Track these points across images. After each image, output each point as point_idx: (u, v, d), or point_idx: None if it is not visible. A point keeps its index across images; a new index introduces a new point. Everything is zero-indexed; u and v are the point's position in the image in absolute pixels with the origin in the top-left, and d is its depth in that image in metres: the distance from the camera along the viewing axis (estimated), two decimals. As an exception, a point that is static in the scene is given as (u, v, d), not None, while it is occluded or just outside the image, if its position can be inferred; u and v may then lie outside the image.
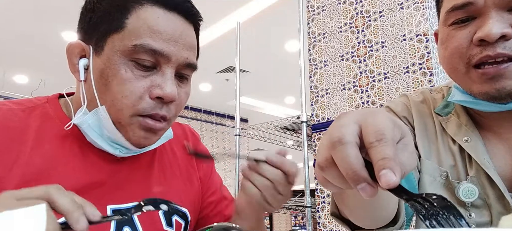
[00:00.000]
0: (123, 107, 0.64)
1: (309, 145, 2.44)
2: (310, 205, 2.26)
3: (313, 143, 2.41)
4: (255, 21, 4.16)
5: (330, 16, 2.47)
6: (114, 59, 0.64)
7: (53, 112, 0.71)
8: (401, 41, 2.14)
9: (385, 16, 2.23)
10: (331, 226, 2.25)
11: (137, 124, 0.66)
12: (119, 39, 0.64)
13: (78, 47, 0.68)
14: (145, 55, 0.64)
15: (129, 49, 0.63)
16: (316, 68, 2.48)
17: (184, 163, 0.82)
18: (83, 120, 0.66)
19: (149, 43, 0.64)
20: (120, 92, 0.64)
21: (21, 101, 0.70)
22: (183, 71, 0.69)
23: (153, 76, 0.65)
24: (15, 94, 5.05)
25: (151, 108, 0.65)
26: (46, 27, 4.32)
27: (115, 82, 0.64)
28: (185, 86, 0.71)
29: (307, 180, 2.26)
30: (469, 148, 0.70)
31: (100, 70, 0.65)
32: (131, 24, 0.65)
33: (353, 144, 0.38)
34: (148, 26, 0.64)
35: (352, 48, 2.33)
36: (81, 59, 0.68)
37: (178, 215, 0.76)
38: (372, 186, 0.37)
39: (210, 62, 5.22)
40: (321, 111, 2.40)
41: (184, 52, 0.67)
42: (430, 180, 0.73)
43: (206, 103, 6.75)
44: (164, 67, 0.66)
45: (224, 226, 0.50)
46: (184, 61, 0.68)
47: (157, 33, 0.65)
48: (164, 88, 0.65)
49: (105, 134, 0.67)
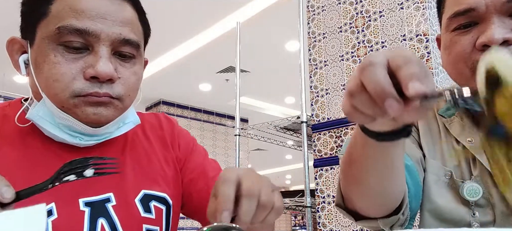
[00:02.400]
0: (57, 91, 0.64)
1: (309, 145, 2.44)
2: (310, 205, 2.26)
3: (313, 143, 2.41)
4: (255, 21, 4.16)
5: (330, 16, 2.47)
6: (43, 46, 0.64)
7: (12, 112, 0.70)
8: (401, 41, 2.14)
9: (385, 16, 2.23)
10: (331, 226, 2.25)
11: (80, 102, 0.64)
12: (45, 26, 0.64)
13: (16, 44, 0.69)
14: (71, 36, 0.63)
15: (54, 33, 0.63)
16: (316, 68, 2.48)
17: (160, 149, 0.81)
18: (33, 112, 0.66)
19: (72, 23, 0.63)
20: (51, 76, 0.63)
21: None
22: (122, 49, 0.67)
23: (86, 57, 0.65)
24: (15, 94, 5.04)
25: (87, 87, 0.64)
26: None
27: (46, 69, 0.64)
28: (130, 66, 0.69)
29: (307, 180, 2.26)
30: (473, 148, 0.71)
31: (34, 60, 0.66)
32: (55, 9, 0.64)
33: (382, 65, 0.41)
34: (70, 7, 0.64)
35: (352, 48, 2.33)
36: (22, 55, 0.69)
37: (156, 200, 0.75)
38: (398, 102, 0.40)
39: (210, 62, 5.22)
40: (321, 111, 2.40)
41: (115, 28, 0.66)
42: (434, 179, 0.73)
43: (206, 103, 6.75)
44: (96, 46, 0.65)
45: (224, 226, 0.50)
46: (118, 38, 0.66)
47: (80, 12, 0.64)
48: (96, 67, 0.63)
49: (59, 122, 0.67)
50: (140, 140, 0.80)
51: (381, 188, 0.62)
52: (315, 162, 2.37)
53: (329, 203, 2.27)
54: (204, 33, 4.55)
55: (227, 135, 7.06)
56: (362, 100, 0.43)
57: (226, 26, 4.34)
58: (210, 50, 4.72)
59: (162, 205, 0.75)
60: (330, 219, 2.25)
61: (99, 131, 0.69)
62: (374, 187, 0.62)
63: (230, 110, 6.98)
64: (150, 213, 0.73)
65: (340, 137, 2.28)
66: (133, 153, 0.77)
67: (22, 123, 0.68)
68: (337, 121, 2.31)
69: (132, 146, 0.78)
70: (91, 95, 0.64)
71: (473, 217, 0.69)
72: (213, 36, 4.52)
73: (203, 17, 4.25)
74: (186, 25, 4.37)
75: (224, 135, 7.05)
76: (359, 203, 0.67)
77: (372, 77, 0.40)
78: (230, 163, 6.84)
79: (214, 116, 7.03)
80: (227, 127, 7.12)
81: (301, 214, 10.41)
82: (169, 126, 0.86)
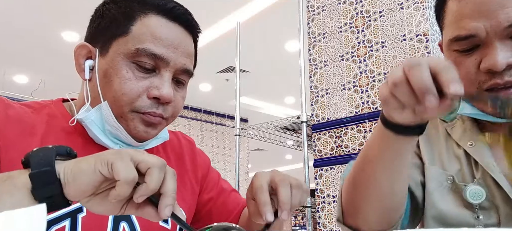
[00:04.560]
0: (122, 103, 0.70)
1: (309, 145, 2.44)
2: (310, 205, 2.26)
3: (313, 143, 2.41)
4: (255, 21, 4.16)
5: (330, 16, 2.47)
6: (117, 60, 0.71)
7: (58, 112, 0.76)
8: (401, 41, 2.14)
9: (385, 16, 2.23)
10: (331, 226, 2.25)
11: (137, 118, 0.72)
12: (123, 43, 0.71)
13: (85, 49, 0.75)
14: (146, 58, 0.70)
15: (132, 52, 0.70)
16: (316, 68, 2.48)
17: (177, 167, 0.86)
18: (87, 115, 0.72)
19: (151, 48, 0.70)
20: (121, 90, 0.70)
21: (28, 104, 0.76)
22: (180, 76, 0.76)
23: (152, 78, 0.72)
24: (15, 94, 5.04)
25: (148, 106, 0.71)
26: (46, 27, 4.31)
27: (117, 81, 0.70)
28: (181, 90, 0.78)
29: (307, 180, 2.26)
30: (474, 151, 0.71)
31: (104, 70, 0.72)
32: (135, 30, 0.71)
33: (428, 67, 0.50)
34: (151, 32, 0.71)
35: (352, 48, 2.33)
36: (87, 60, 0.75)
37: None
38: (436, 98, 0.50)
39: (210, 62, 5.22)
40: (321, 111, 2.40)
41: (182, 59, 0.74)
42: (436, 185, 0.74)
43: (206, 103, 6.74)
44: (162, 71, 0.72)
45: (224, 226, 0.50)
46: (182, 67, 0.74)
47: (159, 39, 0.71)
48: (161, 90, 0.71)
49: (107, 129, 0.73)
50: (160, 155, 0.84)
51: (391, 189, 0.66)
52: (315, 162, 2.37)
53: (329, 203, 2.27)
54: (204, 33, 4.52)
55: (227, 135, 7.06)
56: (404, 92, 0.52)
57: (226, 26, 4.34)
58: (210, 50, 4.72)
59: None
60: (330, 219, 2.25)
61: (139, 144, 0.76)
62: (384, 187, 0.65)
63: (230, 110, 6.98)
64: (166, 223, 0.78)
65: (340, 137, 2.28)
66: None
67: (67, 120, 0.74)
68: (337, 121, 2.31)
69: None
70: (149, 114, 0.72)
71: (477, 220, 0.68)
72: (213, 36, 4.52)
73: (203, 17, 4.23)
74: (186, 25, 4.36)
75: (224, 135, 7.05)
76: (365, 208, 0.68)
77: (419, 75, 0.50)
78: (230, 163, 6.84)
79: (214, 116, 7.03)
80: (227, 127, 7.11)
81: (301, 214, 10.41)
82: (188, 146, 0.92)
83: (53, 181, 0.47)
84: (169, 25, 0.74)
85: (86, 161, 0.49)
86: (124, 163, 0.47)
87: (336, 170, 2.28)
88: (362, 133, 2.19)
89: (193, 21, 0.79)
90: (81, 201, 0.50)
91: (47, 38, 4.52)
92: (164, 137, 0.82)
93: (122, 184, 0.46)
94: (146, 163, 0.48)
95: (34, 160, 0.48)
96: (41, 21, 4.18)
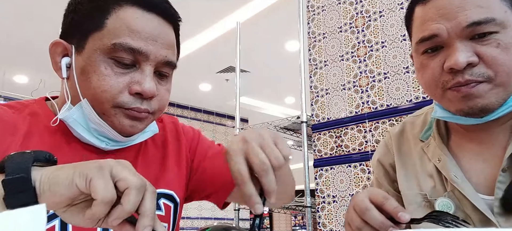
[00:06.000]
0: (103, 100, 0.67)
1: (309, 145, 2.44)
2: (310, 205, 2.26)
3: (313, 143, 2.41)
4: (255, 21, 4.16)
5: (330, 16, 2.47)
6: (94, 57, 0.67)
7: (41, 111, 0.75)
8: (401, 41, 2.14)
9: (385, 16, 2.23)
10: (331, 226, 2.25)
11: (121, 113, 0.69)
12: (99, 38, 0.68)
13: (60, 46, 0.72)
14: (124, 53, 0.67)
15: (109, 47, 0.67)
16: (316, 68, 2.48)
17: (163, 150, 0.85)
18: (68, 114, 0.69)
19: (128, 42, 0.67)
20: (100, 87, 0.67)
21: (10, 104, 0.75)
22: (162, 69, 0.72)
23: (132, 73, 0.69)
24: (15, 94, 5.04)
25: (131, 102, 0.69)
26: (46, 27, 4.31)
27: (95, 79, 0.67)
28: (165, 83, 0.75)
29: (307, 180, 2.26)
30: (441, 167, 0.77)
31: (81, 67, 0.69)
32: (110, 24, 0.68)
33: (374, 208, 0.61)
34: (127, 26, 0.68)
35: (352, 48, 2.33)
36: (63, 58, 0.72)
37: (165, 197, 0.80)
38: (394, 227, 0.60)
39: (210, 62, 5.22)
40: (321, 111, 2.40)
41: (163, 51, 0.71)
42: (414, 207, 0.80)
43: (206, 103, 6.75)
44: (143, 65, 0.69)
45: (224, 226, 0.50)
46: (163, 59, 0.71)
47: (136, 32, 0.68)
48: (143, 85, 0.68)
49: (92, 127, 0.70)
50: (148, 145, 0.84)
51: None
52: (315, 162, 2.37)
53: (329, 203, 2.27)
54: (204, 33, 4.55)
55: (227, 135, 7.06)
56: (368, 229, 0.62)
57: (226, 26, 4.34)
58: (210, 50, 4.72)
59: (170, 203, 0.80)
60: (330, 219, 2.25)
61: (126, 139, 0.74)
62: None
63: (230, 110, 6.98)
64: (160, 210, 0.77)
65: (340, 137, 2.28)
66: (144, 160, 0.81)
67: (50, 119, 0.71)
68: (337, 120, 2.31)
69: (144, 153, 0.82)
70: (133, 110, 0.69)
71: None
72: (213, 36, 4.52)
73: (203, 17, 4.24)
74: (186, 25, 4.36)
75: (224, 135, 7.05)
76: None
77: (374, 219, 0.61)
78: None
79: (214, 115, 7.03)
80: (227, 127, 7.11)
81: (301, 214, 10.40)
82: (172, 127, 0.90)
83: (27, 188, 0.44)
84: (146, 16, 0.69)
85: (65, 171, 0.46)
86: (103, 180, 0.44)
87: (336, 170, 2.28)
88: (362, 133, 2.19)
89: (171, 9, 0.74)
90: (56, 211, 0.48)
91: (47, 38, 4.51)
92: (153, 130, 0.79)
93: (99, 204, 0.44)
94: (125, 182, 0.45)
95: (9, 166, 0.45)
96: (41, 21, 4.18)
